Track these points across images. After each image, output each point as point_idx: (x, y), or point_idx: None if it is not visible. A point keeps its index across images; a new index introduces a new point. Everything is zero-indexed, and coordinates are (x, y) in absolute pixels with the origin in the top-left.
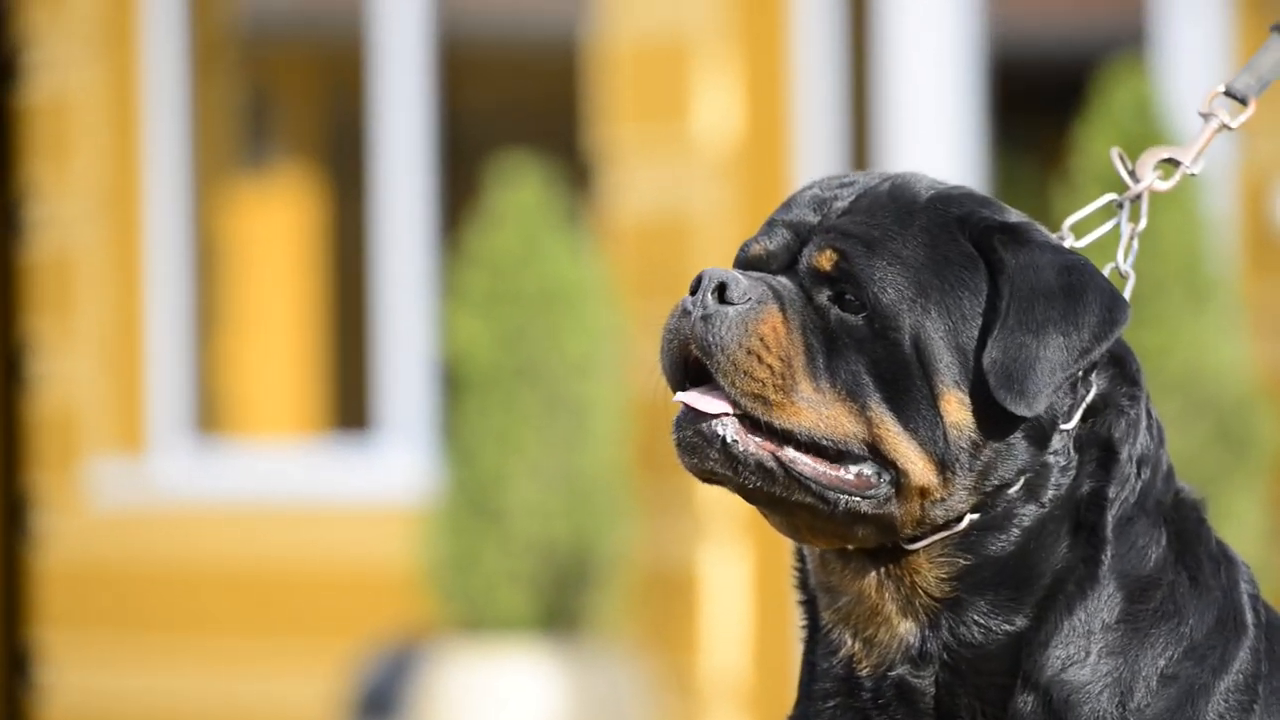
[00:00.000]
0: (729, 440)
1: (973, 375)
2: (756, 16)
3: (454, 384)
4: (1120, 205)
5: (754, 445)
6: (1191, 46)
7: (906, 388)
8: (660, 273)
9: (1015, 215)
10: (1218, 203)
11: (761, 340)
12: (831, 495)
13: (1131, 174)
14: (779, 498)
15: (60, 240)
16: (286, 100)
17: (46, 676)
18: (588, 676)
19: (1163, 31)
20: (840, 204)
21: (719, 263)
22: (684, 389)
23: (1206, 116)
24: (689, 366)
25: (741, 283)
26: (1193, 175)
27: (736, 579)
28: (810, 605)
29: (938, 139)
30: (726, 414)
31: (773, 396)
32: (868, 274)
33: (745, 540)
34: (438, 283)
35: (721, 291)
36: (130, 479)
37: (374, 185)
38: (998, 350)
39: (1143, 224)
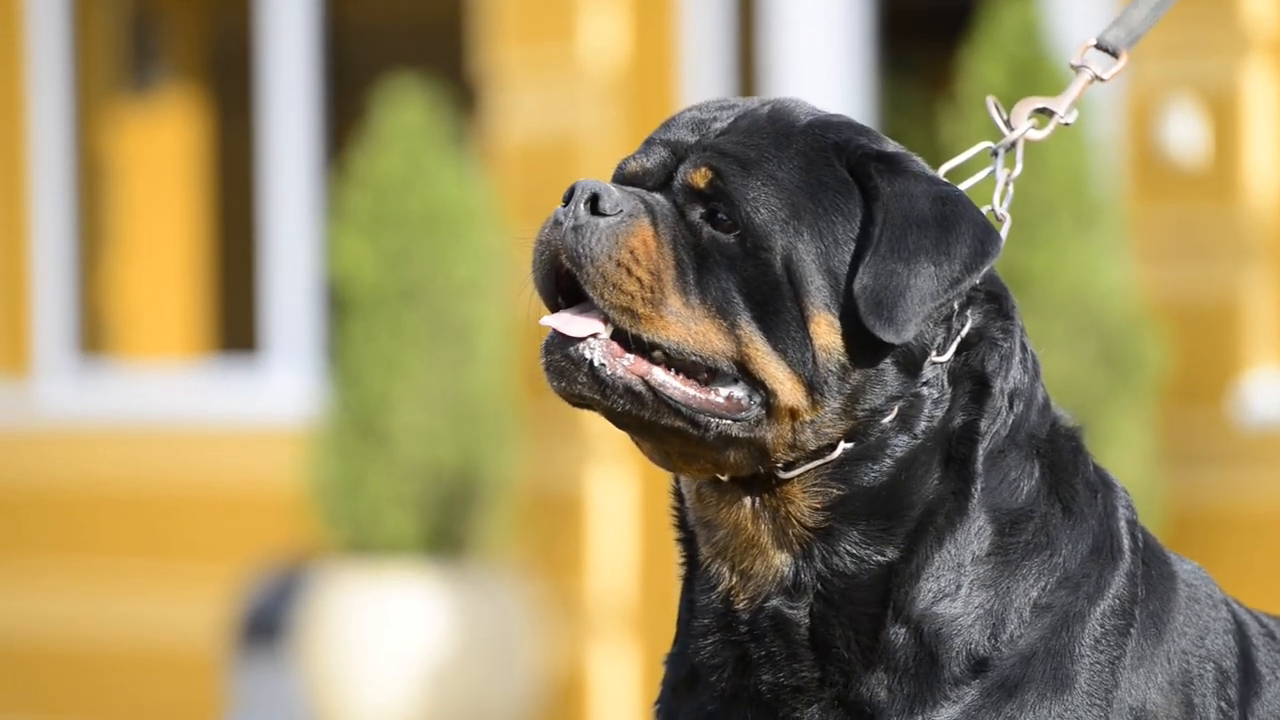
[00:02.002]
0: (597, 364)
1: (843, 299)
2: None
3: (339, 306)
4: (995, 153)
5: (622, 369)
6: None
7: (777, 308)
8: (546, 195)
9: (893, 145)
10: (1105, 125)
11: (631, 253)
12: (702, 419)
13: (1007, 123)
14: (649, 422)
15: None
16: (171, 19)
17: None
18: (474, 599)
19: None
20: (719, 125)
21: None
22: (556, 304)
23: (1078, 68)
24: (560, 280)
25: (614, 194)
26: (1066, 124)
27: (623, 501)
28: (689, 542)
29: (825, 62)
30: (595, 335)
31: (641, 310)
32: (741, 193)
33: (631, 462)
34: (323, 205)
35: (594, 203)
36: (14, 401)
37: (260, 106)
38: (868, 276)
39: (1018, 170)
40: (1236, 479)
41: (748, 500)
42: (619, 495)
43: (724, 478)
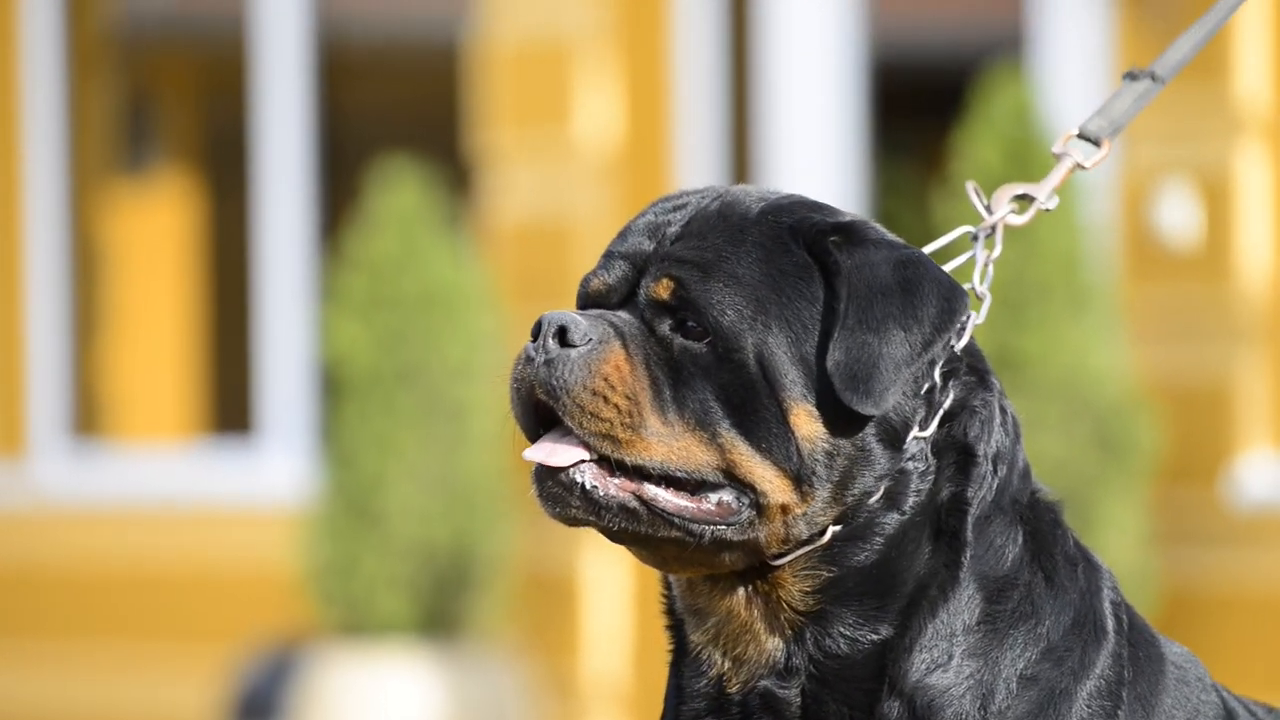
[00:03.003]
0: (588, 486)
1: (819, 384)
2: (637, 20)
3: (334, 387)
4: (975, 238)
5: (614, 488)
6: (1071, 53)
7: (755, 408)
8: (540, 276)
9: (848, 215)
10: (1098, 208)
11: (605, 380)
12: (696, 528)
13: (987, 207)
14: (645, 535)
15: None
16: (166, 103)
17: None
18: (468, 679)
19: (1043, 37)
20: (673, 229)
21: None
22: (537, 434)
23: (1059, 156)
24: (539, 411)
25: (581, 324)
26: (1046, 210)
27: (615, 582)
28: (678, 629)
29: (819, 143)
30: (582, 460)
31: (621, 435)
32: (705, 299)
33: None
34: (318, 286)
35: (563, 335)
36: (9, 481)
37: (254, 188)
38: (840, 352)
39: (997, 251)
40: (1230, 561)
41: (740, 589)
42: (612, 576)
43: (716, 570)
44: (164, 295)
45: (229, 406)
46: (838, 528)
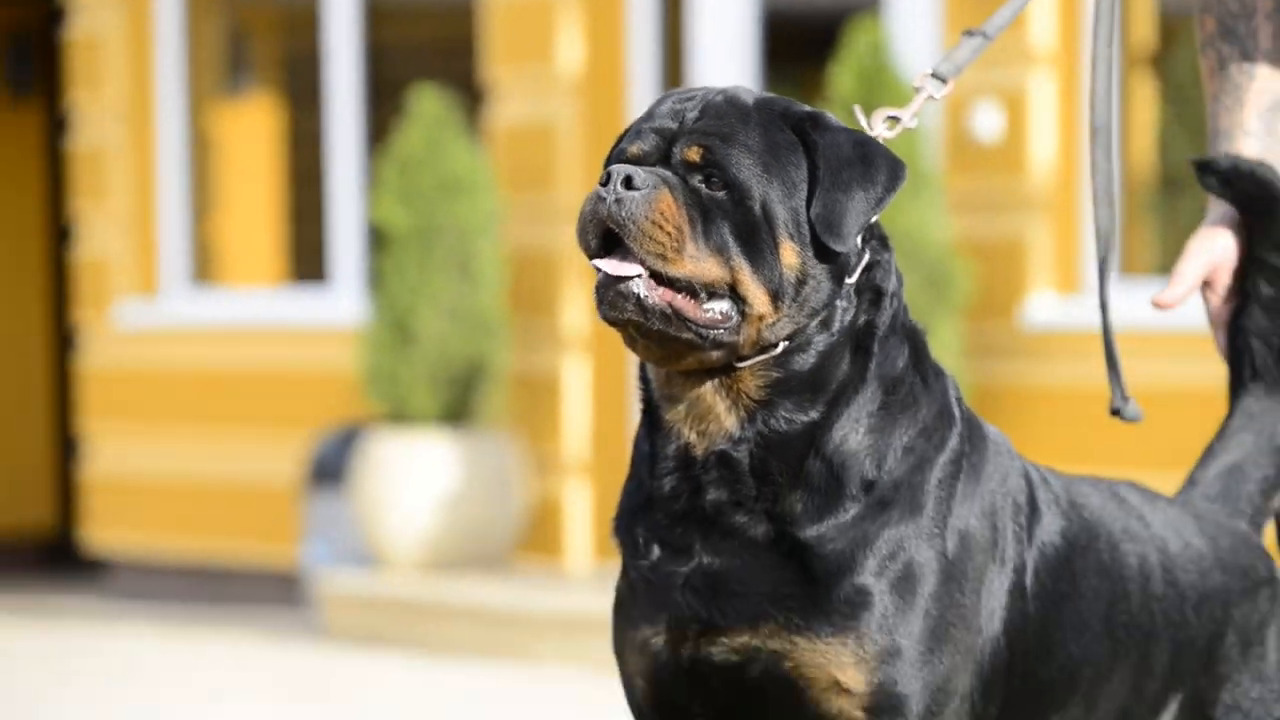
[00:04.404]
0: (642, 295)
1: (801, 229)
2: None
3: (380, 245)
4: None
5: (657, 296)
6: (914, 8)
7: (756, 242)
8: (527, 167)
9: (812, 108)
10: (930, 119)
11: (660, 214)
12: (704, 330)
13: (869, 125)
14: (670, 335)
15: (96, 141)
16: (257, 37)
17: (88, 453)
18: (477, 456)
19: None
20: (692, 113)
21: (573, 159)
22: (600, 257)
23: (918, 89)
24: (604, 238)
25: (641, 174)
26: (910, 128)
27: (583, 384)
28: (652, 411)
29: (729, 75)
30: (640, 275)
31: (669, 255)
32: (727, 160)
33: (589, 355)
34: (368, 174)
35: (628, 182)
36: (146, 312)
37: (323, 103)
38: (819, 206)
39: None
40: (1022, 370)
41: (709, 382)
42: (581, 379)
43: (698, 367)
44: (258, 178)
45: (306, 259)
46: (788, 342)
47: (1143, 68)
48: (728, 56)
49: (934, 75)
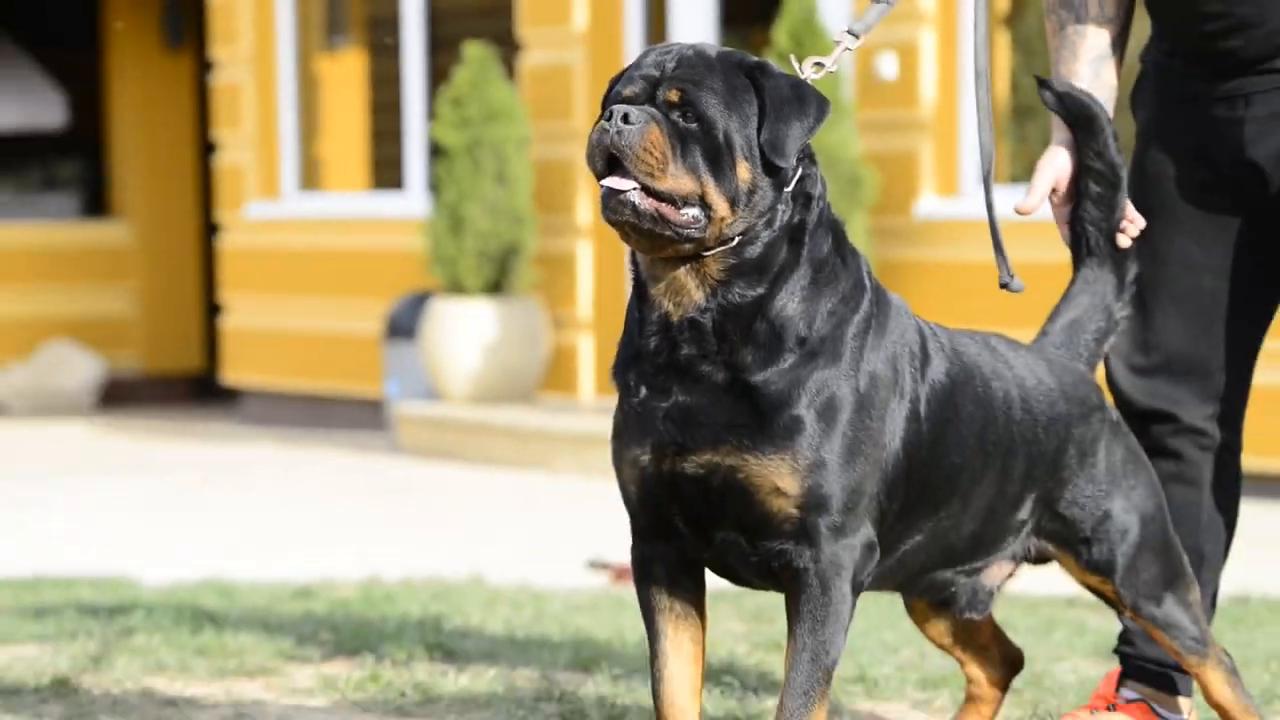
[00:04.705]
0: (636, 202)
1: (752, 152)
2: None
3: (439, 158)
4: None
5: (648, 204)
6: None
7: (720, 163)
8: (548, 101)
9: (759, 59)
10: (847, 65)
11: (650, 142)
12: (681, 230)
13: (800, 70)
14: (656, 233)
15: (232, 81)
16: (350, 3)
17: (226, 313)
18: (514, 313)
19: None
20: (670, 64)
21: (583, 95)
22: (605, 175)
23: (838, 43)
24: (607, 161)
25: (634, 112)
26: (832, 72)
27: (589, 263)
28: (640, 286)
29: (696, 32)
30: (634, 188)
31: (656, 173)
32: (698, 100)
33: (594, 241)
34: (431, 106)
35: (625, 118)
36: (268, 210)
37: (400, 53)
38: (767, 133)
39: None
40: (913, 250)
41: (683, 266)
42: (588, 259)
43: (675, 255)
44: (350, 109)
45: (385, 170)
46: (741, 236)
47: (1001, 28)
48: (695, 20)
49: (849, 33)
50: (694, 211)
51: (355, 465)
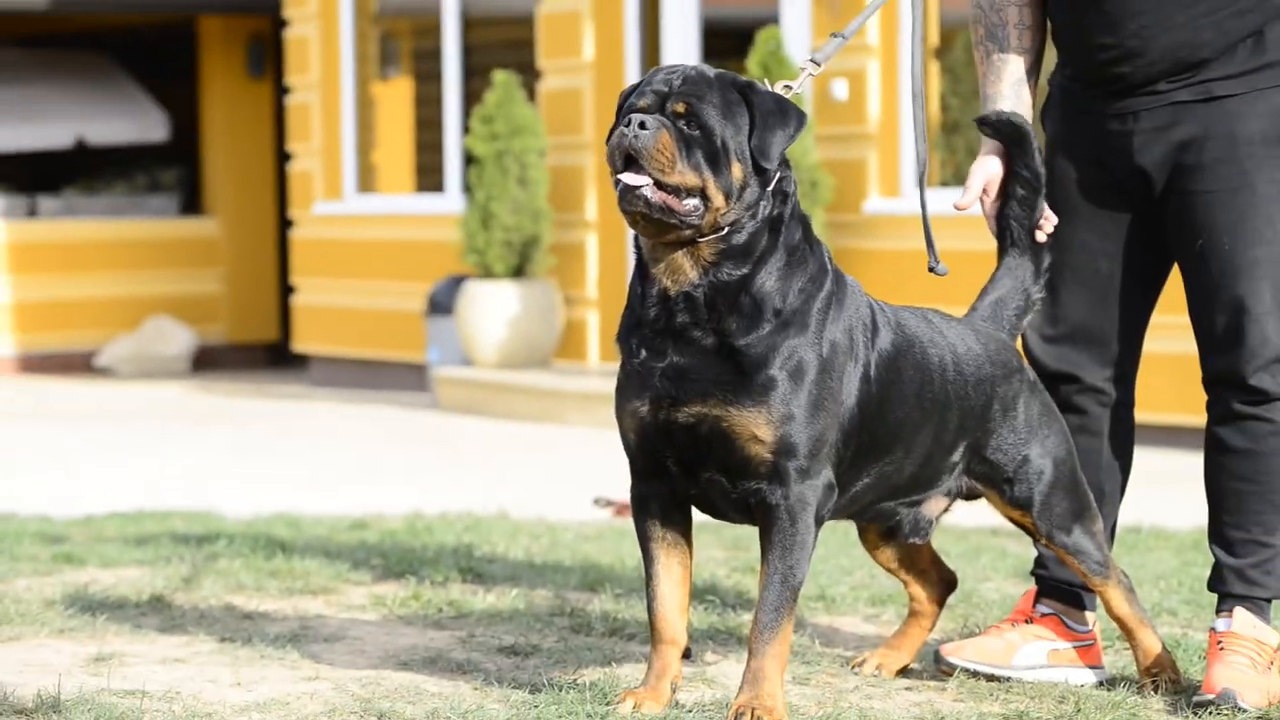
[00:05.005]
0: (650, 197)
1: (744, 155)
2: (607, 15)
3: (472, 164)
4: None
5: (659, 198)
6: (796, 21)
7: (717, 163)
8: (563, 119)
9: (748, 78)
10: (807, 88)
11: (662, 145)
12: (683, 218)
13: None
14: (664, 221)
15: (303, 103)
16: (397, 37)
17: (299, 295)
18: (534, 294)
19: (786, 13)
20: (676, 81)
21: (591, 114)
22: (622, 171)
23: (803, 69)
24: (625, 160)
25: (650, 120)
26: (797, 93)
27: (595, 251)
28: (642, 266)
29: (680, 58)
30: (647, 184)
31: (666, 170)
32: (701, 112)
33: (599, 234)
34: (466, 123)
35: (642, 125)
36: (332, 209)
37: (442, 80)
38: (756, 140)
39: None
40: (862, 241)
41: (680, 250)
42: (594, 249)
43: (675, 240)
44: (400, 126)
45: (428, 175)
46: (731, 226)
47: (933, 58)
48: (682, 53)
49: (813, 61)
50: (694, 202)
51: (402, 419)
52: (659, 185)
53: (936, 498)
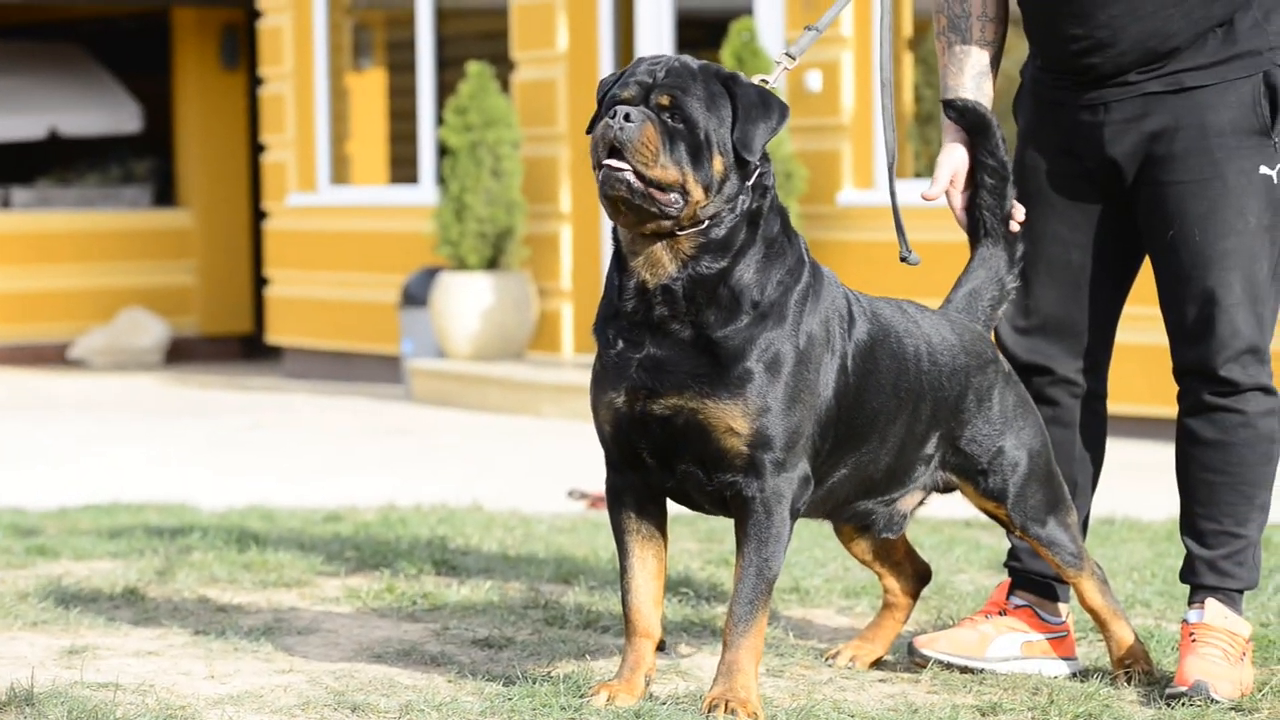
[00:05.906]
0: (631, 182)
1: (725, 148)
2: (581, 6)
3: (446, 155)
4: None
5: (640, 185)
6: (771, 13)
7: (699, 156)
8: (536, 110)
9: (731, 71)
10: (781, 80)
11: (646, 137)
12: (666, 209)
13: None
14: (645, 210)
15: (276, 95)
16: (371, 29)
17: (273, 287)
18: (508, 286)
19: (759, 4)
20: (660, 73)
21: (564, 105)
22: (605, 160)
23: (778, 63)
24: (610, 150)
25: (634, 112)
26: (773, 87)
27: (569, 243)
28: (621, 258)
29: (654, 49)
30: (630, 171)
31: (649, 163)
32: (686, 104)
33: (573, 226)
34: (439, 114)
35: (626, 116)
36: (305, 200)
37: (416, 71)
38: (739, 133)
39: None
40: (835, 232)
41: (659, 242)
42: (568, 241)
43: (654, 232)
44: (373, 118)
45: (401, 166)
46: (710, 220)
47: (906, 50)
48: (656, 45)
49: (788, 54)
50: (675, 195)
51: (376, 411)
52: (640, 177)
53: (912, 493)
